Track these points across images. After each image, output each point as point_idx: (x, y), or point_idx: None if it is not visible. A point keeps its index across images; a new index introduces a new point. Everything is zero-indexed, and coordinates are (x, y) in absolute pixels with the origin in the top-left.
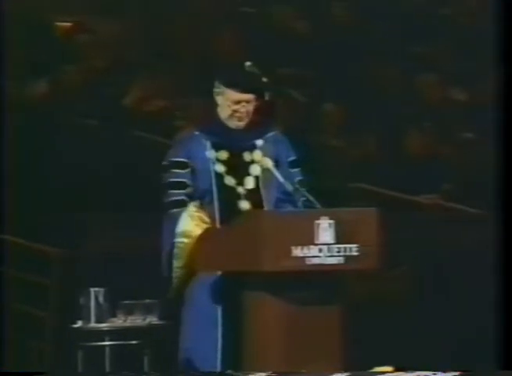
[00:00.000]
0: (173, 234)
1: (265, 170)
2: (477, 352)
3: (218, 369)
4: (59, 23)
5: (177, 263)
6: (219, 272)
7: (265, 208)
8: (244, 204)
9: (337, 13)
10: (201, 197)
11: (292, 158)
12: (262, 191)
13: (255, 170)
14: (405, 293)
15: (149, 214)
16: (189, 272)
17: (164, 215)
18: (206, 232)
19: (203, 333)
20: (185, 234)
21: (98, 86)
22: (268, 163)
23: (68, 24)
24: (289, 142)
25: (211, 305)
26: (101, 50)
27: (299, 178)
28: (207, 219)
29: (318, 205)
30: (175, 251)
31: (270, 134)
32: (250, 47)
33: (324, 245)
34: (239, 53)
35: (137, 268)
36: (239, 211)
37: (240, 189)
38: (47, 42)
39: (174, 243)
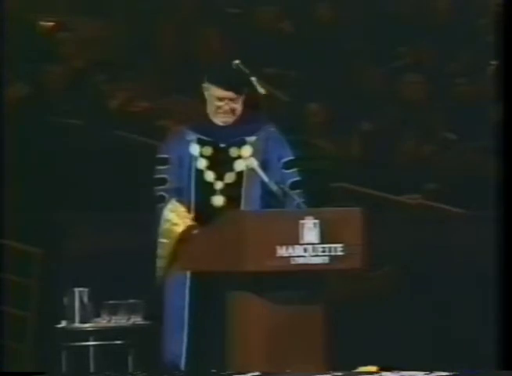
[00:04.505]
0: (153, 231)
1: (250, 168)
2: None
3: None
4: (41, 23)
5: (160, 263)
6: (196, 272)
7: (242, 205)
8: (220, 200)
9: (321, 13)
10: (180, 193)
11: (287, 159)
12: (244, 188)
13: (240, 166)
14: (389, 292)
15: (134, 213)
16: (170, 272)
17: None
18: (191, 232)
19: (181, 332)
20: (167, 234)
21: (82, 86)
22: (253, 163)
23: (50, 23)
24: (285, 142)
25: (187, 305)
26: (84, 49)
27: (294, 179)
28: (189, 217)
29: (303, 205)
30: (159, 250)
31: (264, 131)
32: (234, 47)
33: (309, 245)
34: (222, 53)
35: (122, 267)
36: (215, 208)
37: (220, 185)
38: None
39: (153, 241)
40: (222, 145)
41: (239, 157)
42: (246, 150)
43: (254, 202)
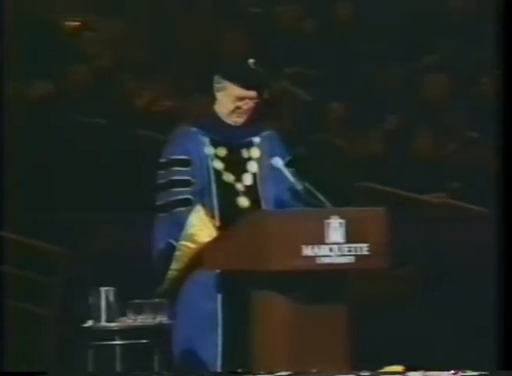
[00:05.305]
0: (174, 234)
1: (262, 167)
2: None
3: (220, 369)
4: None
5: (175, 265)
6: (217, 272)
7: (262, 206)
8: (243, 201)
9: (343, 13)
10: (203, 195)
11: (288, 158)
12: (259, 188)
13: (253, 167)
14: (411, 292)
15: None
16: (184, 275)
17: (163, 213)
18: (216, 235)
19: (203, 333)
20: (191, 238)
21: (104, 85)
22: (279, 162)
23: (74, 23)
24: (282, 142)
25: (211, 305)
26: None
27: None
28: (214, 222)
29: (327, 204)
30: (177, 253)
31: (266, 132)
32: (255, 46)
33: (334, 244)
34: (244, 52)
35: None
36: (238, 208)
37: (239, 186)
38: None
39: (172, 243)
40: (234, 145)
41: (250, 157)
42: (256, 150)
43: (274, 202)
